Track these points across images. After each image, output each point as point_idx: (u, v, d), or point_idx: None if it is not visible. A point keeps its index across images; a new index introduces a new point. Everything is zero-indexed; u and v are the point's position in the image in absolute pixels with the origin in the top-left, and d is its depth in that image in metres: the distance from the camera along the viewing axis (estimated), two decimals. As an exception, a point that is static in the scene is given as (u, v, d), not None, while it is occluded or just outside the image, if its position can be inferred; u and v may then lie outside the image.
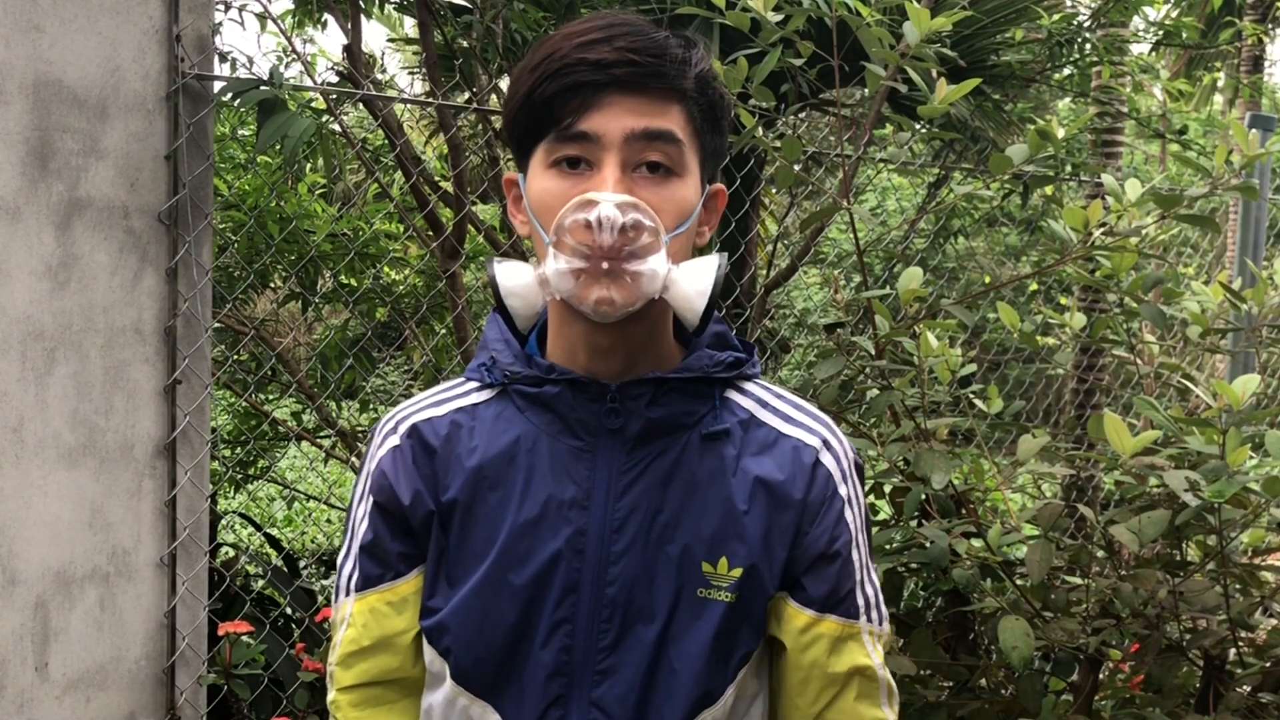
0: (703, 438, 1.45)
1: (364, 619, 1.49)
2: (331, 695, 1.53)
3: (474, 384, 1.50)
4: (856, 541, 1.49)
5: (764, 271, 6.05)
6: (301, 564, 5.37)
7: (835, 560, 1.47)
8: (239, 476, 5.11)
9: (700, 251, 1.49)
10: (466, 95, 4.59)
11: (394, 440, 1.49)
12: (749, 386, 1.51)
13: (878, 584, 1.54)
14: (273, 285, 5.04)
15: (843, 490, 1.48)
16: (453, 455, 1.46)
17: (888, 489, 3.01)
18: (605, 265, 1.33)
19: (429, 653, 1.49)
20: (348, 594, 1.51)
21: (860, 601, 1.50)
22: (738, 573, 1.43)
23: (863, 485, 1.54)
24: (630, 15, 1.43)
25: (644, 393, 1.43)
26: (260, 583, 4.34)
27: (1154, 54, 7.22)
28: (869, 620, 1.51)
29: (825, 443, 1.49)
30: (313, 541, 7.26)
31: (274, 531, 6.61)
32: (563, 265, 1.35)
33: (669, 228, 1.37)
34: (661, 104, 1.38)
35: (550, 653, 1.43)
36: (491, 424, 1.46)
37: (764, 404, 1.50)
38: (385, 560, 1.49)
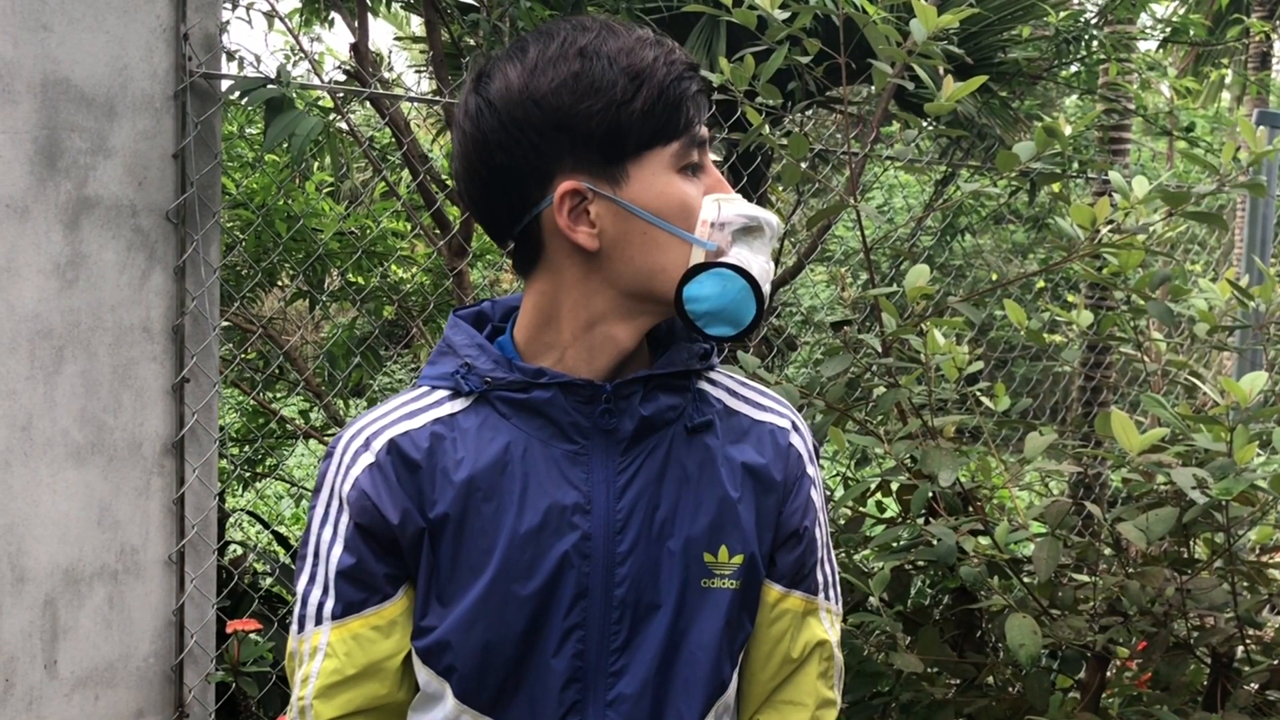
0: (688, 430, 1.46)
1: (346, 647, 1.43)
2: None
3: (443, 393, 1.46)
4: (820, 521, 1.55)
5: (771, 269, 6.03)
6: (309, 562, 5.37)
7: (803, 537, 1.52)
8: (247, 474, 5.12)
9: None
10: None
11: (368, 457, 1.43)
12: (715, 377, 1.54)
13: (835, 565, 1.59)
14: (280, 283, 5.05)
15: (810, 470, 1.54)
16: (438, 469, 1.41)
17: (895, 486, 3.01)
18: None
19: (424, 673, 1.45)
20: (318, 623, 1.44)
21: (820, 579, 1.55)
22: (739, 560, 1.46)
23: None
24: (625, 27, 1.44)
25: (635, 391, 1.42)
26: (268, 580, 4.35)
27: (1161, 51, 7.21)
28: (826, 598, 1.56)
29: (794, 425, 1.54)
30: (320, 539, 7.26)
31: (282, 529, 6.62)
32: (764, 262, 1.42)
33: None
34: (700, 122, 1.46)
35: (563, 660, 1.41)
36: (475, 434, 1.42)
37: (733, 393, 1.53)
38: (370, 584, 1.43)
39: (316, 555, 1.45)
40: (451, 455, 1.42)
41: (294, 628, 1.47)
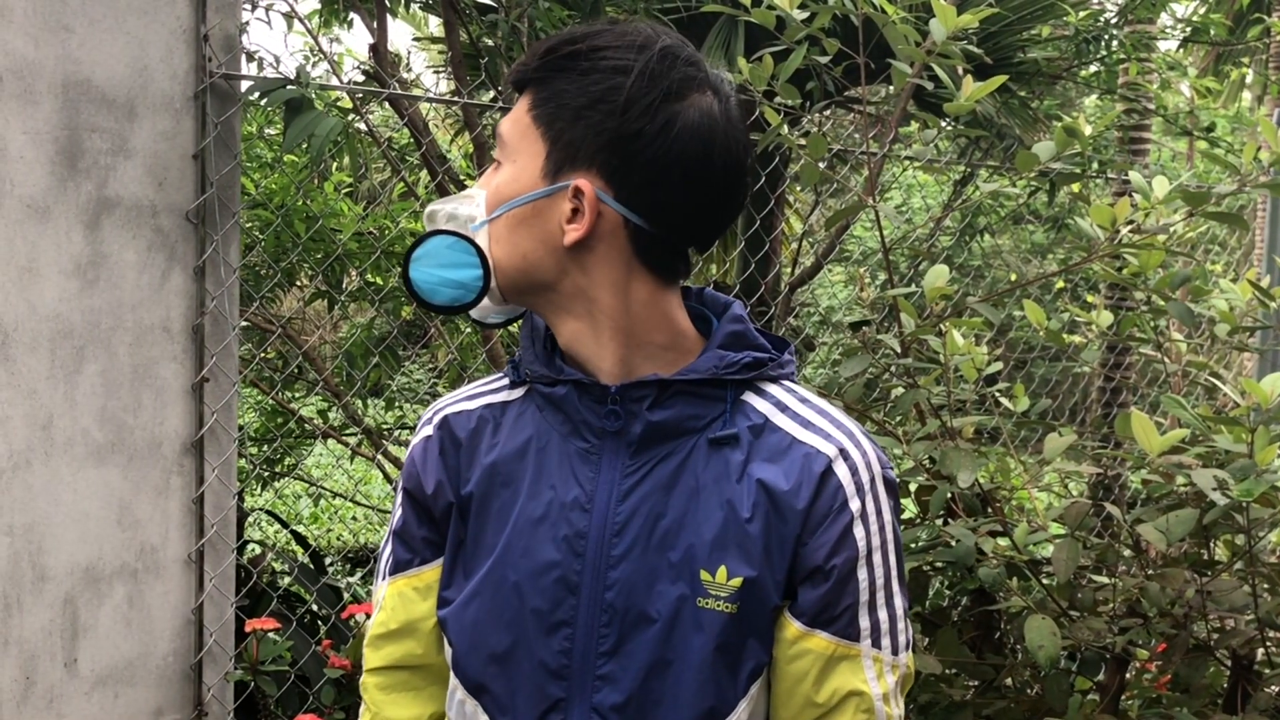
0: (710, 442, 1.41)
1: (393, 603, 1.52)
2: (363, 677, 1.57)
3: (507, 381, 1.52)
4: (868, 561, 1.41)
5: (789, 269, 6.05)
6: (328, 561, 5.40)
7: (830, 576, 1.39)
8: (266, 474, 5.14)
9: (574, 248, 1.49)
10: (491, 94, 4.60)
11: (428, 430, 1.52)
12: (771, 389, 1.46)
13: (899, 611, 1.44)
14: (299, 283, 5.07)
15: (854, 505, 1.40)
16: (475, 450, 1.48)
17: (913, 487, 3.00)
18: None
19: (446, 641, 1.51)
20: (383, 578, 1.55)
21: (865, 624, 1.41)
22: (737, 582, 1.39)
23: (894, 503, 1.45)
24: (603, 23, 1.43)
25: (646, 395, 1.40)
26: (287, 579, 4.37)
27: (1181, 51, 7.18)
28: (875, 646, 1.42)
29: (842, 452, 1.41)
30: (339, 539, 7.30)
31: (300, 529, 6.64)
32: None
33: (486, 213, 1.43)
34: (519, 102, 1.44)
35: (549, 655, 1.42)
36: (513, 422, 1.48)
37: (783, 408, 1.44)
38: (413, 546, 1.51)
39: (392, 518, 1.55)
40: (488, 439, 1.49)
41: (374, 582, 1.58)
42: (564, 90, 1.39)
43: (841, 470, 1.41)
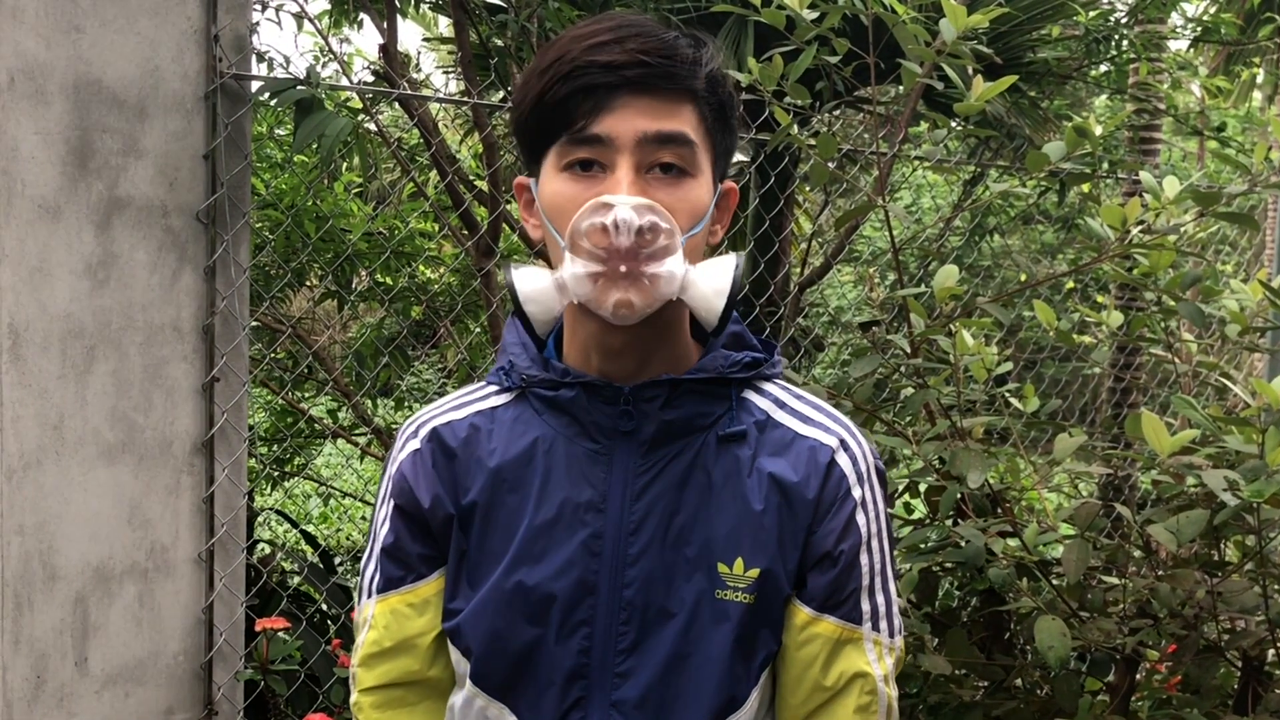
0: (719, 439, 1.44)
1: (385, 620, 1.50)
2: (354, 697, 1.54)
3: (494, 388, 1.51)
4: (868, 547, 1.47)
5: (798, 269, 6.05)
6: (337, 560, 5.41)
7: (839, 561, 1.45)
8: (276, 473, 5.15)
9: (716, 250, 1.49)
10: (501, 94, 4.61)
11: (414, 444, 1.50)
12: (767, 387, 1.50)
13: (893, 596, 1.50)
14: (309, 284, 5.07)
15: (856, 493, 1.46)
16: (472, 458, 1.47)
17: (923, 488, 3.00)
18: (623, 268, 1.32)
19: (453, 653, 1.50)
20: (369, 596, 1.52)
21: (866, 608, 1.47)
22: (754, 574, 1.42)
23: (885, 492, 1.51)
24: (638, 16, 1.42)
25: (658, 395, 1.42)
26: (297, 579, 4.37)
27: (1192, 50, 7.16)
28: (875, 629, 1.48)
29: (842, 443, 1.47)
30: (348, 538, 7.30)
31: (310, 528, 6.65)
32: (580, 269, 1.34)
33: (684, 228, 1.36)
34: (673, 105, 1.37)
35: (569, 655, 1.43)
36: (510, 427, 1.47)
37: (781, 404, 1.49)
38: (406, 562, 1.50)
39: (374, 533, 1.54)
40: (485, 445, 1.47)
41: (356, 599, 1.56)
42: (724, 103, 1.42)
43: (843, 460, 1.47)
